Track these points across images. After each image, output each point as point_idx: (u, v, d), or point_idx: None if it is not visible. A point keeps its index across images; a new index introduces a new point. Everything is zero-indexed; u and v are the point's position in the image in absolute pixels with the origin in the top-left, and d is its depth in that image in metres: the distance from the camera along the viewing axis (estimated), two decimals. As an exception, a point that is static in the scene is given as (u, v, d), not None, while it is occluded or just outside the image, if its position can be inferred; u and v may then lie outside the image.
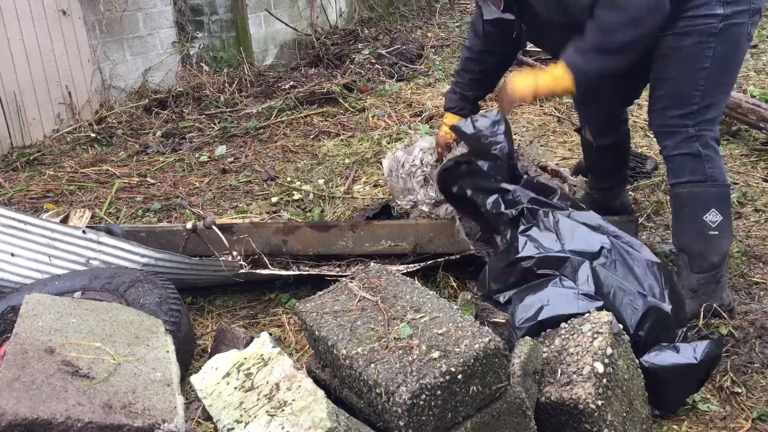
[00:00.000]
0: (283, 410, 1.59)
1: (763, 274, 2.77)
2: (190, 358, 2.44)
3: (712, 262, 2.39)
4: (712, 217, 2.34)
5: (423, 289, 1.85)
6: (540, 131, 4.75)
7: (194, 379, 1.89)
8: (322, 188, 4.01)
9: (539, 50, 6.97)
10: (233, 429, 1.63)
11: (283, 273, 2.86)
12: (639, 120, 4.61)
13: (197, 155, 4.80)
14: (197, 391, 1.84)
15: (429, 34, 8.57)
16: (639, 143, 4.29)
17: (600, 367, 1.77)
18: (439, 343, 1.60)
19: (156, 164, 4.68)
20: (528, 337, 1.88)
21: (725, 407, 2.08)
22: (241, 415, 1.66)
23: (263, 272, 2.81)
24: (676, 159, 2.39)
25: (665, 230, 3.18)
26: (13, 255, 2.58)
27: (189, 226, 2.83)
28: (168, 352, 1.92)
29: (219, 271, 2.72)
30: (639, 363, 1.95)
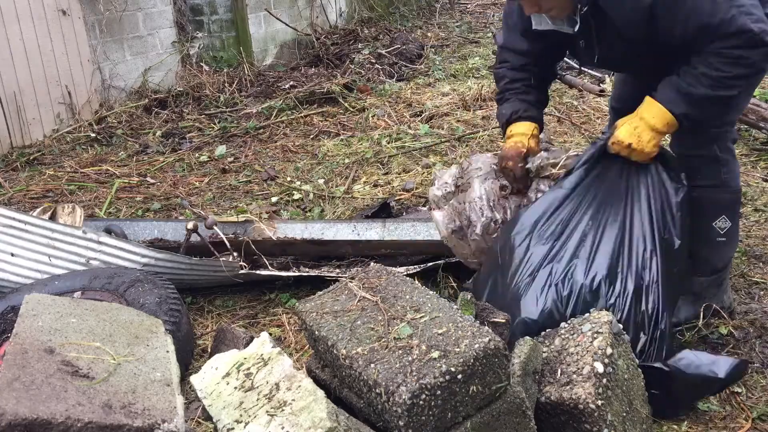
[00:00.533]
0: (283, 410, 1.59)
1: (763, 274, 2.77)
2: (190, 358, 2.44)
3: (716, 267, 2.37)
4: (721, 224, 2.30)
5: (423, 289, 1.85)
6: (540, 131, 4.75)
7: (194, 379, 1.89)
8: (322, 188, 4.02)
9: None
10: (233, 429, 1.63)
11: (283, 274, 2.86)
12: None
13: (197, 155, 4.80)
14: (197, 391, 1.84)
15: (429, 34, 8.57)
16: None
17: (600, 367, 1.77)
18: (439, 343, 1.60)
19: (156, 164, 4.68)
20: (528, 337, 1.88)
21: (725, 407, 2.08)
22: (241, 415, 1.66)
23: (263, 272, 2.81)
24: (693, 161, 2.27)
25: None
26: (13, 255, 2.58)
27: (190, 226, 2.83)
28: (168, 352, 1.92)
29: (219, 271, 2.72)
30: (662, 364, 1.97)
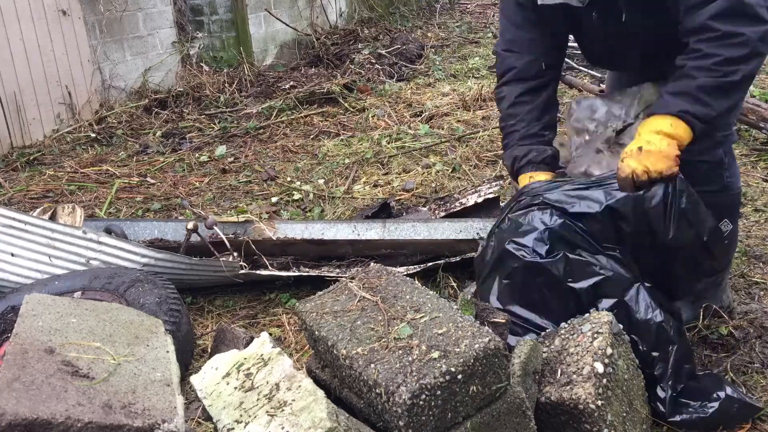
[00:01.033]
0: (283, 410, 1.59)
1: (763, 274, 2.77)
2: (190, 358, 2.44)
3: (715, 269, 2.34)
4: (723, 227, 2.26)
5: (423, 289, 1.85)
6: (540, 131, 4.75)
7: (194, 379, 1.89)
8: (322, 188, 4.02)
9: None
10: (233, 429, 1.63)
11: (283, 274, 2.86)
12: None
13: (197, 155, 4.80)
14: (197, 391, 1.84)
15: (429, 34, 8.57)
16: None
17: (600, 367, 1.77)
18: (439, 343, 1.60)
19: (156, 164, 4.68)
20: (528, 337, 1.88)
21: (725, 407, 2.08)
22: (241, 415, 1.66)
23: (263, 273, 2.81)
24: (699, 166, 2.17)
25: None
26: (13, 255, 2.58)
27: (190, 225, 2.83)
28: (168, 352, 1.92)
29: (219, 271, 2.72)
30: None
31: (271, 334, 2.33)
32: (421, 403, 1.50)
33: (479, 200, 3.23)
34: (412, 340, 1.63)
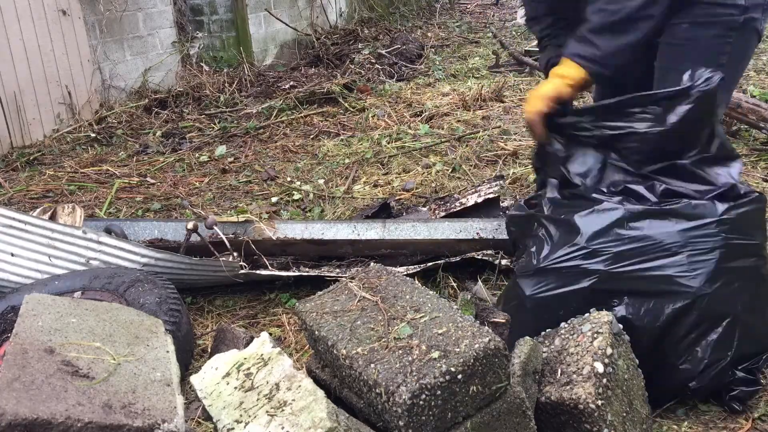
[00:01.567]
0: (283, 410, 1.59)
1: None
2: (190, 358, 2.44)
3: None
4: None
5: (423, 289, 1.85)
6: (540, 131, 4.75)
7: (194, 379, 1.89)
8: (322, 188, 4.02)
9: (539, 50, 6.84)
10: (233, 429, 1.63)
11: (283, 274, 2.86)
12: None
13: (197, 155, 4.80)
14: (197, 391, 1.84)
15: (429, 34, 8.58)
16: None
17: (600, 367, 1.77)
18: (439, 343, 1.60)
19: (156, 164, 4.68)
20: (528, 337, 1.88)
21: (725, 407, 2.08)
22: (241, 415, 1.66)
23: (263, 273, 2.81)
24: None
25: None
26: (13, 255, 2.58)
27: (190, 225, 2.83)
28: (168, 352, 1.92)
29: (219, 271, 2.72)
30: None
31: (271, 334, 2.33)
32: (421, 403, 1.50)
33: (479, 200, 3.23)
34: (412, 340, 1.63)
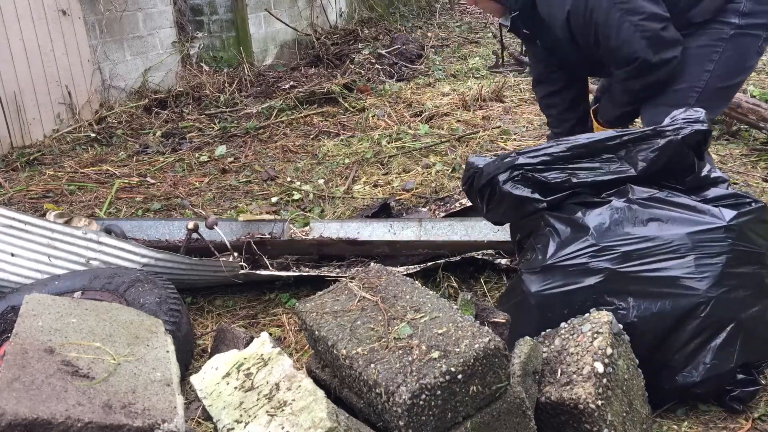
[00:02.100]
0: (283, 410, 1.59)
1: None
2: (190, 358, 2.44)
3: None
4: None
5: (423, 289, 1.85)
6: (540, 131, 4.75)
7: (194, 379, 1.89)
8: (322, 188, 4.01)
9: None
10: (233, 429, 1.63)
11: (283, 274, 2.86)
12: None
13: (197, 155, 4.80)
14: (197, 391, 1.84)
15: (429, 34, 8.58)
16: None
17: (600, 367, 1.77)
18: (439, 343, 1.60)
19: (156, 164, 4.68)
20: (528, 337, 1.88)
21: (725, 407, 2.08)
22: (241, 415, 1.66)
23: (263, 273, 2.81)
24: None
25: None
26: (13, 255, 2.58)
27: (190, 225, 2.83)
28: (168, 352, 1.92)
29: (219, 271, 2.72)
30: None
31: (271, 334, 2.33)
32: (421, 403, 1.50)
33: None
34: (412, 340, 1.63)
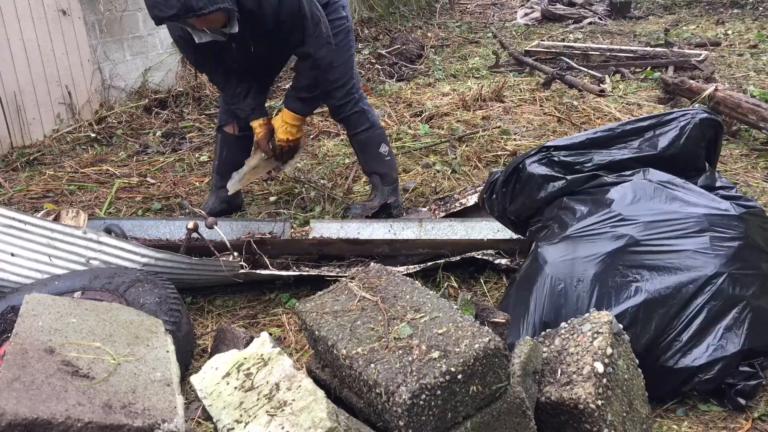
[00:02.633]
0: (283, 410, 1.59)
1: None
2: (190, 358, 2.44)
3: (393, 177, 3.55)
4: (383, 149, 3.50)
5: (423, 289, 1.85)
6: (540, 131, 4.75)
7: (194, 379, 1.89)
8: (322, 188, 4.01)
9: (539, 50, 7.06)
10: (233, 429, 1.63)
11: (283, 273, 2.86)
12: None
13: (197, 155, 4.80)
14: (197, 391, 1.84)
15: (429, 34, 8.58)
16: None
17: (600, 367, 1.77)
18: (439, 343, 1.60)
19: (156, 164, 4.68)
20: (528, 337, 1.89)
21: (725, 407, 2.08)
22: (241, 415, 1.66)
23: (263, 272, 2.81)
24: (352, 117, 3.46)
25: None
26: (13, 255, 2.58)
27: (190, 225, 2.83)
28: (168, 352, 1.92)
29: (219, 271, 2.72)
30: None
31: (271, 334, 2.33)
32: (421, 402, 1.50)
33: (479, 198, 3.22)
34: (412, 339, 1.63)
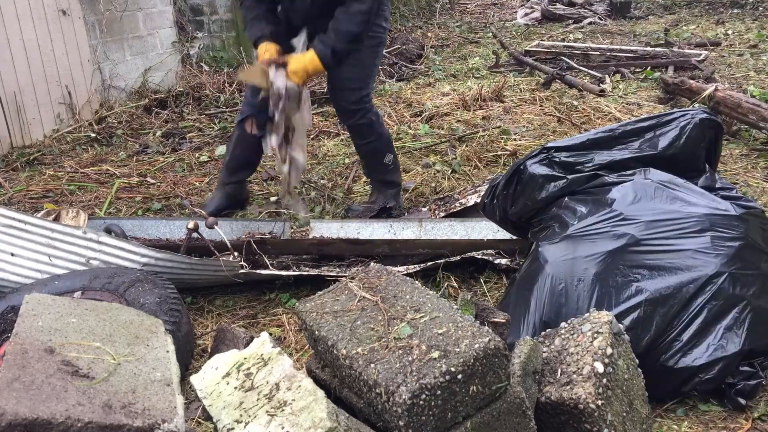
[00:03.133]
0: (283, 410, 1.59)
1: None
2: (190, 358, 2.44)
3: (396, 183, 3.62)
4: (388, 159, 3.53)
5: (423, 289, 1.85)
6: (540, 131, 4.75)
7: (194, 379, 1.89)
8: (322, 188, 4.01)
9: (539, 50, 7.09)
10: (233, 429, 1.63)
11: (283, 273, 2.86)
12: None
13: (197, 155, 4.80)
14: (197, 391, 1.84)
15: (429, 34, 8.58)
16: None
17: (600, 367, 1.77)
18: (439, 343, 1.60)
19: (156, 164, 4.68)
20: (528, 337, 1.89)
21: (725, 407, 2.08)
22: (241, 415, 1.66)
23: (263, 272, 2.81)
24: (359, 126, 3.41)
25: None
26: (13, 255, 2.58)
27: (190, 225, 2.83)
28: (168, 352, 1.92)
29: (219, 271, 2.72)
30: None
31: (271, 334, 2.33)
32: (421, 402, 1.50)
33: (479, 200, 3.22)
34: (412, 339, 1.63)
